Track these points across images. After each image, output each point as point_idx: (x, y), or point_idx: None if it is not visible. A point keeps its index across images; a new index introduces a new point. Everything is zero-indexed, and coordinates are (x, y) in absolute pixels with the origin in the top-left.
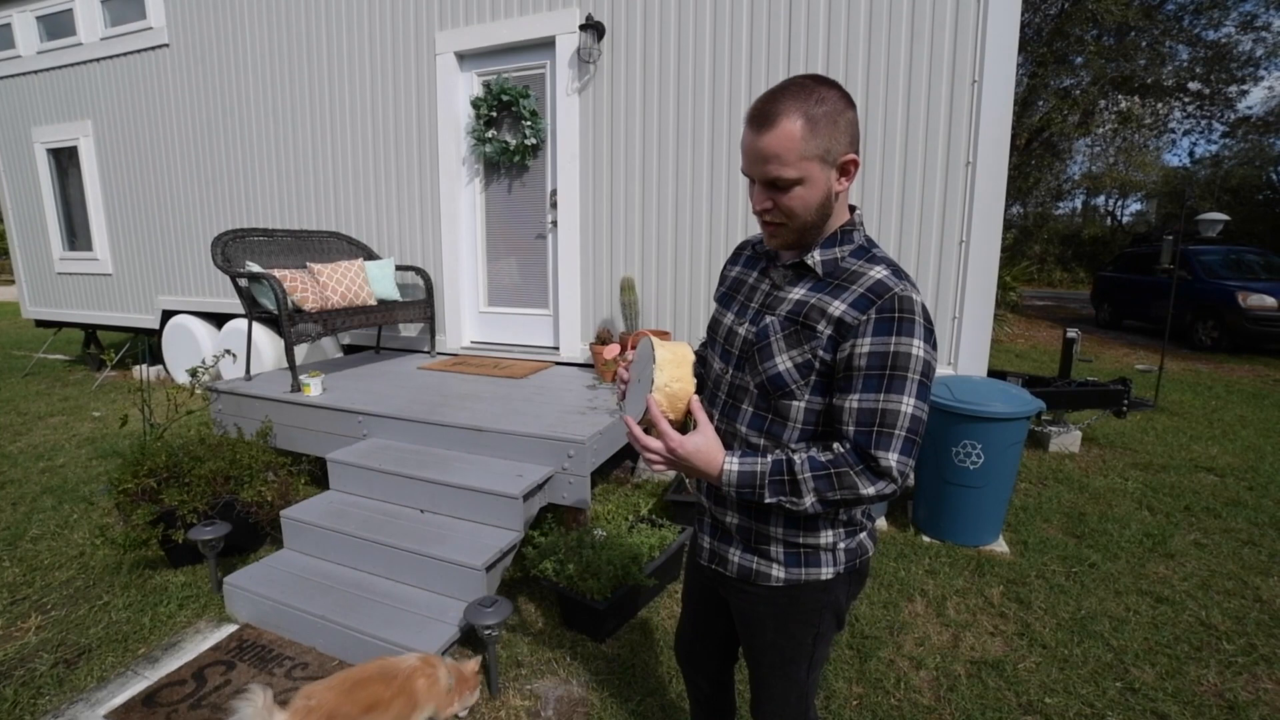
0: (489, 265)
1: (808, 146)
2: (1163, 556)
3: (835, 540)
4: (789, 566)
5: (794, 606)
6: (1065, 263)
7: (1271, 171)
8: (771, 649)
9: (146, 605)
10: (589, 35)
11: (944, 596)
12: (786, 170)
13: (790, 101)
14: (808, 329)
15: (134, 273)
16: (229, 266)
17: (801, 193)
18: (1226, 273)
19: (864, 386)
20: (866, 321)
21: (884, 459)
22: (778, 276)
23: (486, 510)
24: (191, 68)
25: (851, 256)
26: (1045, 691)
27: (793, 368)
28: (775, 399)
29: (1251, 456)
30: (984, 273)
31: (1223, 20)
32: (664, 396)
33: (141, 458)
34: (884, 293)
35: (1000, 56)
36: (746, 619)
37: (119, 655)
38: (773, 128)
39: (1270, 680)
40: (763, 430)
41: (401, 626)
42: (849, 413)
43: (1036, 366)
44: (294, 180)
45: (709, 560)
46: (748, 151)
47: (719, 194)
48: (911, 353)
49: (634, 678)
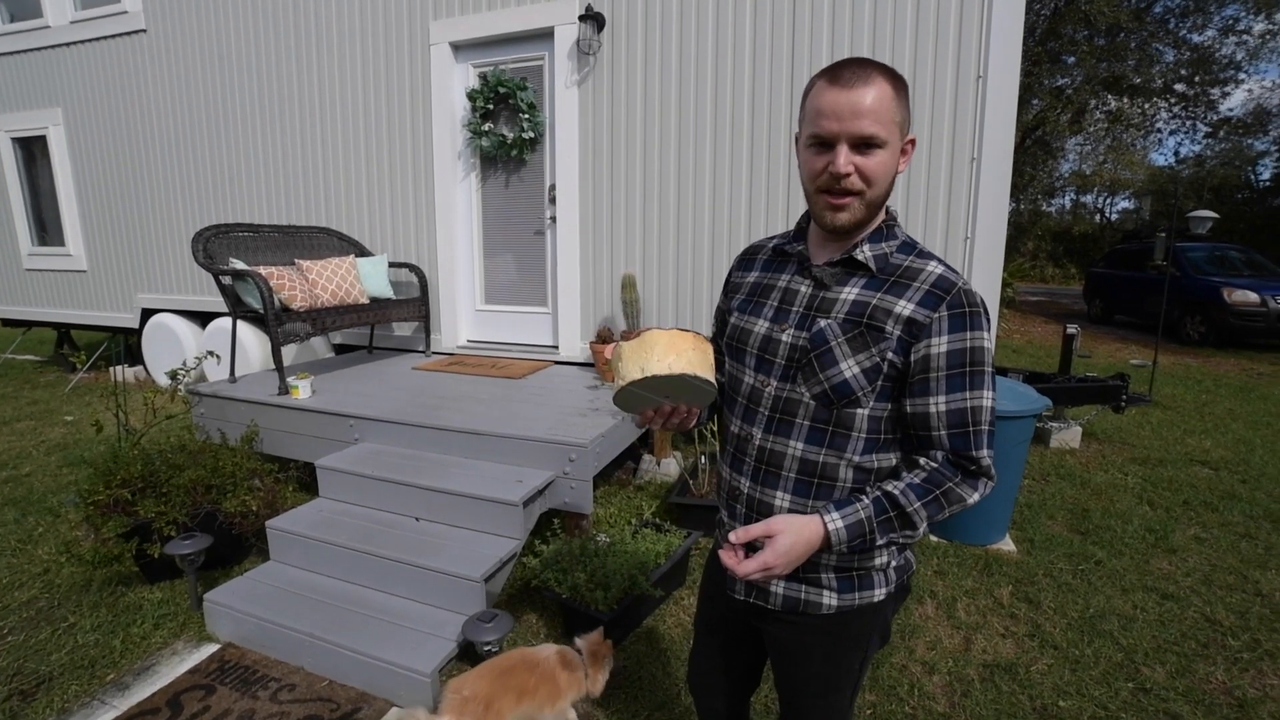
0: (486, 262)
1: (896, 111)
2: (1165, 552)
3: (889, 559)
4: (842, 593)
5: (845, 633)
6: (1057, 259)
7: (1250, 171)
8: (816, 679)
9: (118, 626)
10: (589, 26)
11: (954, 598)
12: (881, 129)
13: (877, 66)
14: (875, 330)
15: (111, 269)
16: (211, 263)
17: (884, 158)
18: (1212, 269)
19: (949, 387)
20: (939, 319)
21: (983, 458)
22: (824, 276)
23: (485, 518)
24: (171, 55)
25: (900, 252)
26: (1059, 695)
27: (860, 373)
28: (838, 408)
29: (1242, 449)
30: (989, 270)
31: (1206, 24)
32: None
33: (114, 466)
34: (949, 288)
35: (1005, 53)
36: (789, 651)
37: (84, 683)
38: (870, 85)
39: (1276, 676)
40: (823, 445)
41: (396, 643)
42: (937, 417)
43: (1033, 362)
44: (281, 174)
45: (746, 594)
46: (837, 108)
47: (722, 188)
48: (984, 345)
49: (641, 691)
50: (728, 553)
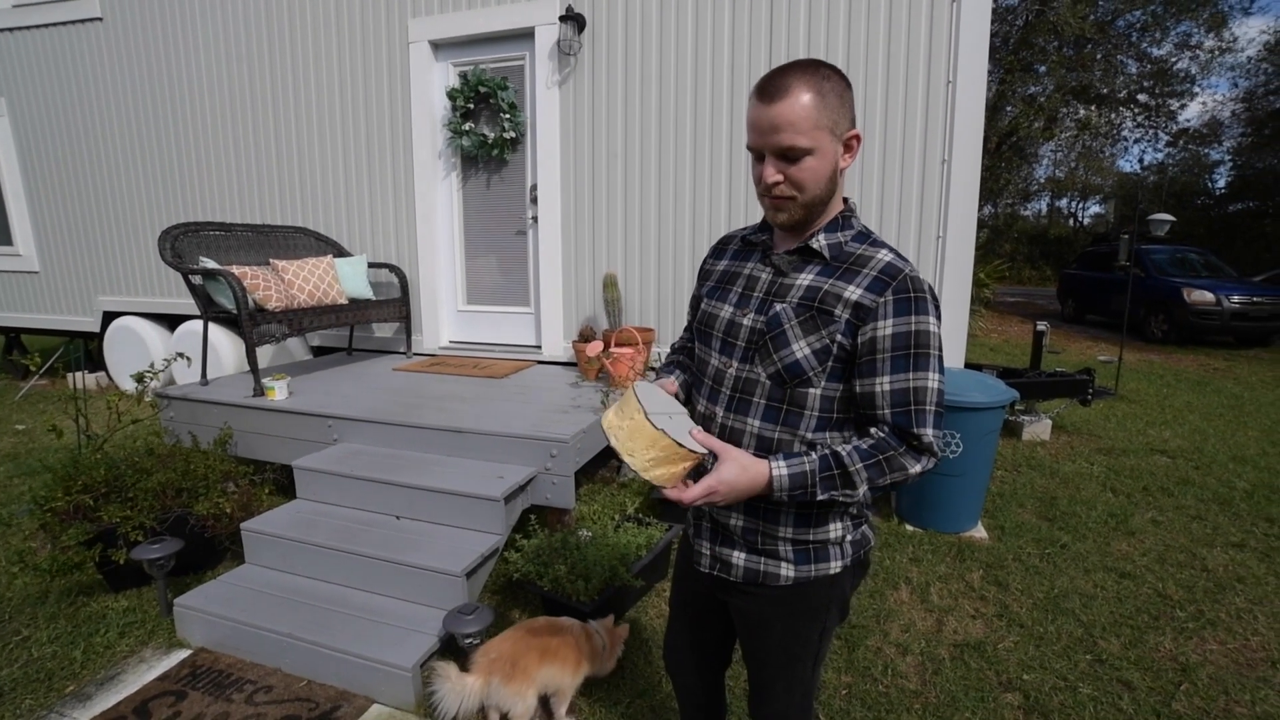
0: (467, 262)
1: (820, 117)
2: (1125, 534)
3: (844, 533)
4: (799, 564)
5: (803, 604)
6: (1033, 261)
7: (1208, 179)
8: (778, 649)
9: (78, 637)
10: (569, 27)
11: (927, 583)
12: (800, 139)
13: (800, 75)
14: (824, 314)
15: (68, 271)
16: (180, 263)
17: (813, 164)
18: (1174, 270)
19: (893, 368)
20: (885, 304)
21: (925, 435)
22: (781, 263)
23: (466, 514)
24: (131, 46)
25: (854, 241)
26: (1023, 669)
27: (810, 354)
28: (791, 388)
29: (1197, 439)
30: (960, 267)
31: (1164, 39)
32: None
33: (75, 472)
34: (896, 274)
35: (973, 58)
36: (752, 621)
37: (40, 696)
38: (786, 97)
39: (1215, 642)
40: (778, 422)
41: (377, 640)
42: (882, 395)
43: (1009, 359)
44: (254, 172)
45: (710, 566)
46: (759, 123)
47: (701, 187)
48: (929, 329)
49: (622, 679)
50: (675, 489)
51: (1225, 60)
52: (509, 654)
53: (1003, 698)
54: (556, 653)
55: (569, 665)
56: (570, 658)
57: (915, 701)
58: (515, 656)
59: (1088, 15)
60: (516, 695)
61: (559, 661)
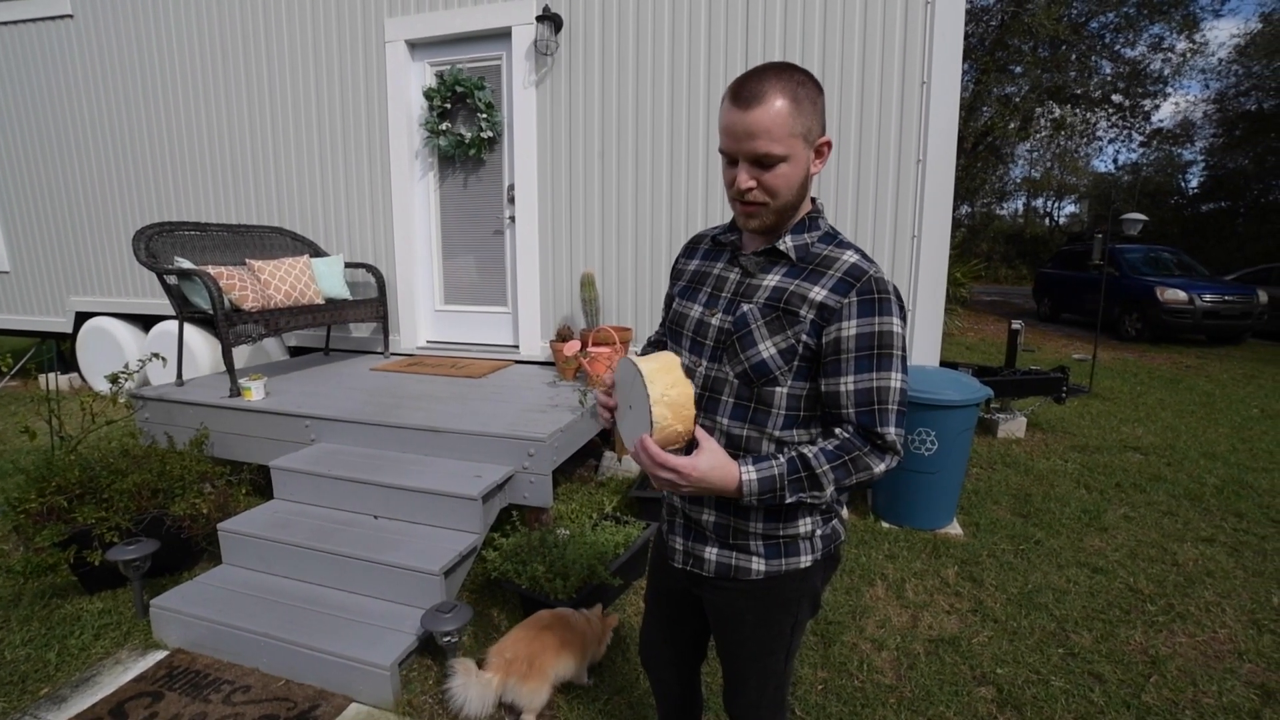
0: (445, 262)
1: (795, 124)
2: (1098, 530)
3: (813, 528)
4: (769, 559)
5: (774, 597)
6: (1010, 260)
7: (1181, 179)
8: (750, 642)
9: (52, 639)
10: (546, 27)
11: (903, 579)
12: (775, 146)
13: (776, 80)
14: (790, 314)
15: (38, 270)
16: (155, 262)
17: (786, 170)
18: (1147, 270)
19: (857, 368)
20: (849, 304)
21: (888, 434)
22: (749, 264)
23: (444, 513)
24: (103, 43)
25: (820, 242)
26: (997, 663)
27: (776, 354)
28: (758, 386)
29: (1169, 435)
30: (935, 267)
31: (1137, 40)
32: (665, 407)
33: (49, 473)
34: (861, 276)
35: (947, 59)
36: (725, 615)
37: (13, 699)
38: (762, 103)
39: (1184, 635)
40: (745, 420)
41: (355, 639)
42: (846, 395)
43: (985, 358)
44: (230, 172)
45: (683, 562)
46: (733, 128)
47: (678, 188)
48: (893, 330)
49: (600, 677)
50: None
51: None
52: (525, 654)
53: (977, 691)
54: (568, 645)
55: (579, 654)
56: (580, 646)
57: (890, 696)
58: (531, 655)
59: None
60: (533, 693)
61: (569, 652)
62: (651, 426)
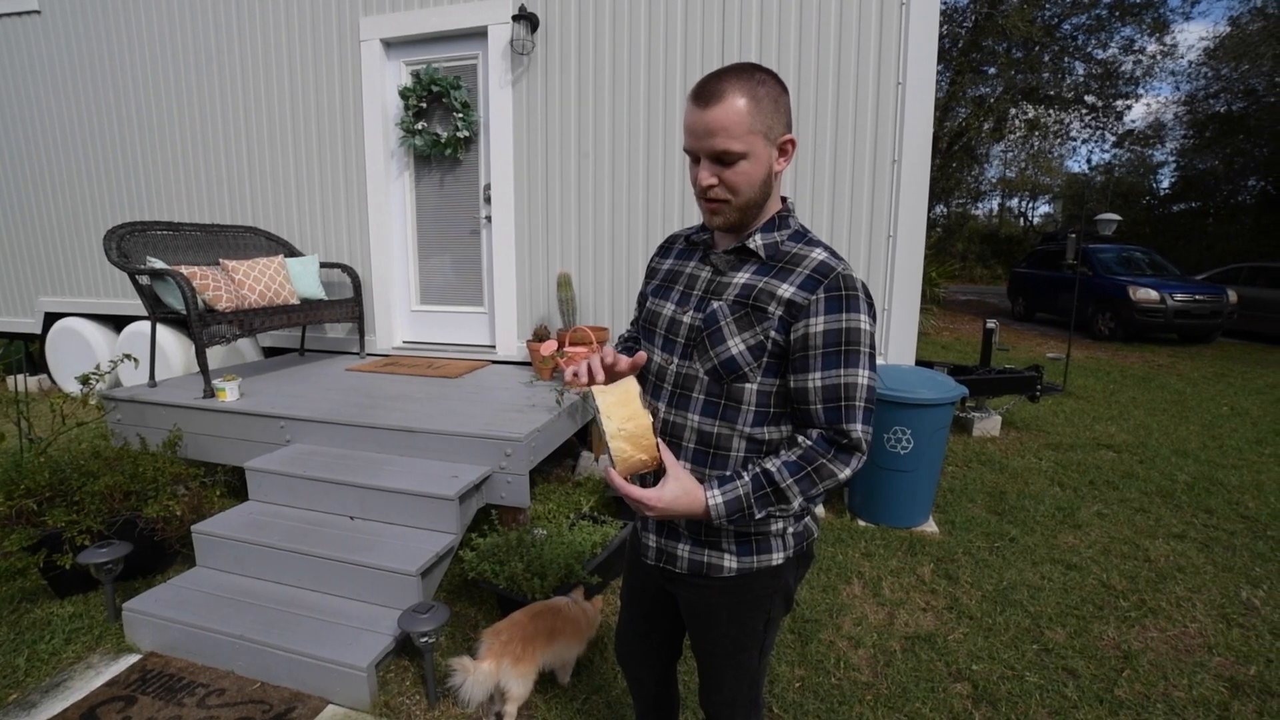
0: (421, 262)
1: (754, 122)
2: (1071, 527)
3: (785, 525)
4: (741, 556)
5: (746, 594)
6: (985, 260)
7: (1152, 179)
8: (724, 639)
9: (21, 644)
10: (522, 26)
11: (879, 577)
12: (734, 143)
13: (735, 80)
14: (758, 311)
15: (6, 270)
16: (127, 262)
17: (747, 168)
18: (1120, 269)
19: (824, 364)
20: (816, 301)
21: (854, 431)
22: (720, 262)
23: (420, 514)
24: (71, 40)
25: (790, 240)
26: (972, 659)
27: (745, 350)
28: (728, 383)
29: (1142, 433)
30: (910, 266)
31: (1108, 41)
32: (624, 440)
33: (17, 476)
34: (829, 273)
35: (922, 60)
36: (698, 612)
37: None
38: (721, 102)
39: (1156, 629)
40: (716, 416)
41: (331, 640)
42: (813, 391)
43: (961, 356)
44: (203, 171)
45: (656, 559)
46: (694, 127)
47: (655, 188)
48: (860, 327)
49: (578, 677)
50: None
51: (1167, 65)
52: (520, 636)
53: (952, 688)
54: (563, 630)
55: (574, 639)
56: (573, 633)
57: (867, 693)
58: (526, 639)
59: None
60: (522, 676)
61: (564, 638)
62: (612, 460)
